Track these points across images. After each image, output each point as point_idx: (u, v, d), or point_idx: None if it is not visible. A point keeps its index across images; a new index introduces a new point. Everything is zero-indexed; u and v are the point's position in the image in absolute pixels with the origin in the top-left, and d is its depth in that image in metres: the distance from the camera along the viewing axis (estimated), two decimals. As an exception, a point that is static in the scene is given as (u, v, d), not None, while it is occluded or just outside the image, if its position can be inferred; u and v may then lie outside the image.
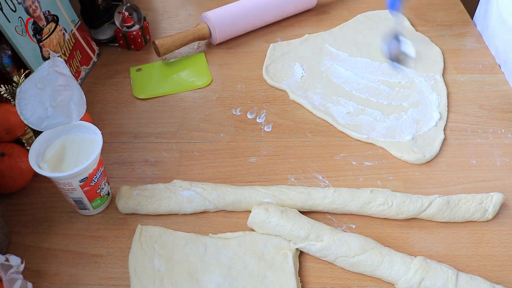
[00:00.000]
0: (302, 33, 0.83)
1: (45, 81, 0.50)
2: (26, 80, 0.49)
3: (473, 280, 0.47)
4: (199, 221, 0.56)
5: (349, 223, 0.56)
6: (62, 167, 0.53)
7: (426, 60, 0.76)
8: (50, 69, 0.50)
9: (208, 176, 0.61)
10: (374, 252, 0.49)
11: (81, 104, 0.53)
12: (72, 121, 0.53)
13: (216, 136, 0.66)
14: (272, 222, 0.52)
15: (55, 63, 0.50)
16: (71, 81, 0.52)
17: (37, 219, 0.57)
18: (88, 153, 0.52)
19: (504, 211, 0.56)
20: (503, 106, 0.69)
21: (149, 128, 0.68)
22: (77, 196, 0.53)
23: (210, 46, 0.82)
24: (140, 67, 0.78)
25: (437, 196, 0.55)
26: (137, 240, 0.53)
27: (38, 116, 0.51)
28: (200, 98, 0.73)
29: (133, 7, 0.78)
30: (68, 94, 0.52)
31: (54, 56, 0.51)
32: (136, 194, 0.56)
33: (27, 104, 0.49)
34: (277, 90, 0.73)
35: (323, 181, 0.60)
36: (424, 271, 0.47)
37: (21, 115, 0.49)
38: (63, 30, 0.70)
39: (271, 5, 0.83)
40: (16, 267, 0.45)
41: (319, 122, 0.68)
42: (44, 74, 0.50)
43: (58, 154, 0.52)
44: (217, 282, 0.49)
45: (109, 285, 0.51)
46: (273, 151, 0.64)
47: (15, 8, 0.59)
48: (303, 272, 0.51)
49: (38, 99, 0.50)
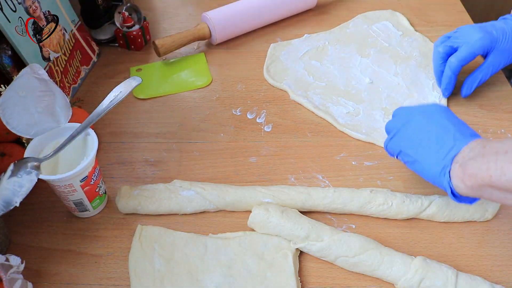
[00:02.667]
0: (302, 33, 0.83)
1: (26, 88, 0.50)
2: (7, 89, 0.49)
3: (473, 280, 0.47)
4: (199, 221, 0.56)
5: (349, 223, 0.56)
6: (58, 171, 0.53)
7: (426, 60, 0.76)
8: (29, 76, 0.50)
9: (208, 176, 0.61)
10: (374, 252, 0.50)
11: (67, 107, 0.53)
12: (61, 124, 0.53)
13: (216, 136, 0.66)
14: (273, 222, 0.52)
15: (33, 69, 0.50)
16: (51, 85, 0.52)
17: (37, 219, 0.57)
18: (83, 153, 0.52)
19: (504, 211, 0.56)
20: (503, 106, 0.69)
21: (149, 128, 0.68)
22: (78, 198, 0.53)
23: (210, 46, 0.83)
24: (140, 67, 0.78)
25: (437, 196, 0.55)
26: (137, 240, 0.53)
27: (26, 123, 0.50)
28: (200, 98, 0.73)
29: (133, 7, 0.78)
30: (51, 99, 0.52)
31: (32, 63, 0.51)
32: (136, 194, 0.56)
33: (12, 113, 0.49)
34: (277, 90, 0.73)
35: (323, 181, 0.60)
36: (424, 271, 0.48)
37: (8, 125, 0.49)
38: (63, 30, 0.70)
39: (271, 5, 0.83)
40: (16, 267, 0.45)
41: (319, 122, 0.68)
42: (24, 81, 0.50)
43: (53, 158, 0.51)
44: (217, 282, 0.49)
45: (109, 285, 0.51)
46: (273, 151, 0.64)
47: (15, 8, 0.59)
48: (303, 272, 0.51)
49: (22, 106, 0.50)
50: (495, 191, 0.42)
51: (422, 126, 0.51)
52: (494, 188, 0.42)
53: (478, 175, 0.42)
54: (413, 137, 0.51)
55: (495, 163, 0.41)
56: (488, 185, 0.42)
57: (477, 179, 0.43)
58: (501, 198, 0.43)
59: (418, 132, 0.51)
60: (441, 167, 0.47)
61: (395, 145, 0.53)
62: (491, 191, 0.42)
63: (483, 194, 0.44)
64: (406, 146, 0.51)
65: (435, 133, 0.49)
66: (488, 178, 0.41)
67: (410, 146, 0.51)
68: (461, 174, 0.45)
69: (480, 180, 0.42)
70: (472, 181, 0.43)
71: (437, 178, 0.48)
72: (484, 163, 0.42)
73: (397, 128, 0.53)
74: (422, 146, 0.50)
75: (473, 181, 0.43)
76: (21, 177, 0.46)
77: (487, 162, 0.42)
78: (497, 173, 0.41)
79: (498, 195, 0.42)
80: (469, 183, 0.44)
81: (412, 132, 0.51)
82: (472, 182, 0.43)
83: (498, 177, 0.40)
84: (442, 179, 0.47)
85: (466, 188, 0.45)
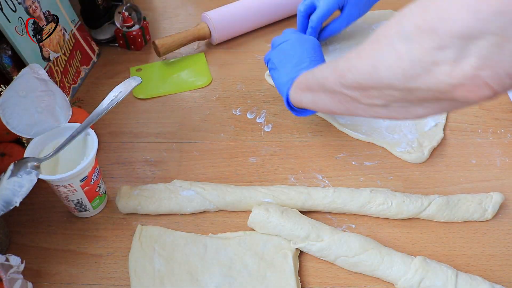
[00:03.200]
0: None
1: (26, 88, 0.50)
2: (7, 89, 0.49)
3: (473, 280, 0.47)
4: (199, 221, 0.56)
5: (349, 223, 0.56)
6: (58, 171, 0.53)
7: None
8: (29, 76, 0.50)
9: (208, 176, 0.61)
10: (374, 252, 0.50)
11: (66, 107, 0.53)
12: (61, 124, 0.53)
13: (216, 136, 0.66)
14: (273, 222, 0.52)
15: (33, 69, 0.50)
16: (51, 85, 0.52)
17: (37, 219, 0.57)
18: (83, 153, 0.52)
19: (504, 211, 0.56)
20: (503, 106, 0.69)
21: (149, 128, 0.68)
22: (78, 198, 0.53)
23: (210, 46, 0.83)
24: (140, 67, 0.78)
25: (437, 196, 0.55)
26: (137, 240, 0.53)
27: (26, 123, 0.50)
28: (200, 98, 0.73)
29: (133, 7, 0.78)
30: (51, 99, 0.52)
31: (32, 63, 0.51)
32: (136, 194, 0.56)
33: (12, 113, 0.49)
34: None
35: (323, 181, 0.60)
36: (424, 271, 0.48)
37: (8, 125, 0.49)
38: (63, 30, 0.70)
39: (271, 5, 0.83)
40: (16, 267, 0.45)
41: (319, 122, 0.68)
42: (24, 81, 0.50)
43: (53, 158, 0.51)
44: (217, 282, 0.49)
45: (109, 285, 0.51)
46: (273, 151, 0.64)
47: (15, 8, 0.59)
48: (303, 272, 0.51)
49: (22, 107, 0.50)
50: (309, 95, 0.52)
51: (294, 45, 0.61)
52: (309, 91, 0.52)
53: (301, 81, 0.54)
54: (284, 52, 0.61)
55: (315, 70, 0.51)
56: (305, 87, 0.52)
57: (300, 84, 0.54)
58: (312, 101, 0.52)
59: (290, 49, 0.61)
60: (290, 77, 0.58)
61: (270, 55, 0.63)
62: (308, 95, 0.52)
63: (303, 99, 0.54)
64: (275, 56, 0.62)
65: (299, 53, 0.60)
66: (305, 82, 0.53)
67: (277, 57, 0.62)
68: (295, 83, 0.56)
69: (301, 85, 0.54)
70: (297, 87, 0.55)
71: (283, 85, 0.59)
72: (309, 74, 0.52)
73: (278, 43, 0.63)
74: (286, 59, 0.60)
75: (298, 87, 0.54)
76: (21, 177, 0.46)
77: (311, 72, 0.52)
78: (310, 76, 0.52)
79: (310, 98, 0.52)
80: (296, 89, 0.55)
81: (286, 48, 0.62)
82: (298, 87, 0.55)
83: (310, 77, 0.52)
84: (285, 86, 0.58)
85: (295, 94, 0.55)
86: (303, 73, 0.55)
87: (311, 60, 0.59)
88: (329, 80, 0.46)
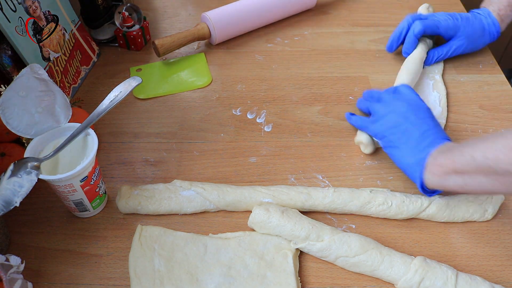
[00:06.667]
0: (302, 33, 0.83)
1: (26, 88, 0.50)
2: (7, 89, 0.49)
3: (473, 280, 0.47)
4: (199, 221, 0.56)
5: (349, 223, 0.56)
6: (58, 171, 0.53)
7: (426, 60, 0.76)
8: (29, 76, 0.50)
9: (208, 176, 0.61)
10: (374, 252, 0.50)
11: (67, 107, 0.53)
12: (61, 124, 0.53)
13: (216, 136, 0.66)
14: (273, 222, 0.52)
15: (33, 69, 0.50)
16: (51, 85, 0.52)
17: (37, 219, 0.57)
18: (83, 153, 0.52)
19: (504, 211, 0.56)
20: (503, 106, 0.69)
21: (149, 128, 0.68)
22: (78, 198, 0.53)
23: (210, 46, 0.83)
24: (140, 67, 0.78)
25: (437, 196, 0.55)
26: (137, 240, 0.53)
27: (26, 123, 0.50)
28: (200, 98, 0.73)
29: (133, 7, 0.78)
30: (51, 99, 0.52)
31: (32, 63, 0.51)
32: (137, 194, 0.56)
33: (12, 113, 0.49)
34: (277, 90, 0.73)
35: (323, 181, 0.60)
36: (424, 271, 0.48)
37: (8, 125, 0.49)
38: (63, 30, 0.70)
39: (271, 5, 0.83)
40: (16, 267, 0.45)
41: (319, 122, 0.68)
42: (25, 81, 0.50)
43: (52, 158, 0.51)
44: (217, 282, 0.49)
45: (109, 285, 0.51)
46: (273, 151, 0.64)
47: (15, 8, 0.59)
48: (303, 272, 0.51)
49: (22, 107, 0.50)
50: (457, 177, 0.47)
51: (408, 117, 0.56)
52: (456, 174, 0.47)
53: (444, 164, 0.49)
54: (399, 127, 0.56)
55: (459, 152, 0.47)
56: (452, 170, 0.47)
57: (443, 167, 0.49)
58: (461, 185, 0.47)
59: (404, 122, 0.56)
60: (418, 158, 0.52)
61: (380, 129, 0.58)
62: (455, 178, 0.47)
63: (448, 183, 0.49)
64: (390, 132, 0.56)
65: (419, 127, 0.55)
66: (452, 164, 0.47)
67: (393, 133, 0.56)
68: (432, 165, 0.50)
69: (446, 168, 0.48)
70: (439, 170, 0.49)
71: (411, 167, 0.53)
72: (450, 155, 0.48)
73: (383, 113, 0.58)
74: (405, 136, 0.55)
75: (440, 170, 0.49)
76: (21, 177, 0.46)
77: (452, 154, 0.48)
78: (459, 158, 0.47)
79: (459, 181, 0.47)
80: (437, 172, 0.50)
81: (399, 122, 0.56)
82: (440, 171, 0.49)
83: (459, 159, 0.47)
84: (415, 168, 0.52)
85: (434, 177, 0.50)
86: (436, 152, 0.51)
87: (435, 136, 0.53)
88: (502, 161, 0.41)
